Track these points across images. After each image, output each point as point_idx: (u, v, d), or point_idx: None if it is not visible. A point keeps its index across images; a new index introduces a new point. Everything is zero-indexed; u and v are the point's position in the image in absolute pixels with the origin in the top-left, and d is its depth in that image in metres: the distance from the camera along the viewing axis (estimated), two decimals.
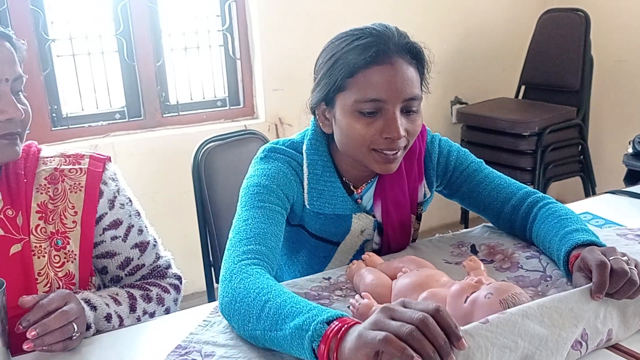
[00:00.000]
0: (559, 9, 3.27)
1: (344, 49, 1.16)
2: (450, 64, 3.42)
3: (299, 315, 0.88)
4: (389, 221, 1.30)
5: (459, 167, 1.33)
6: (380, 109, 1.14)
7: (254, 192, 1.19)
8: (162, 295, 1.23)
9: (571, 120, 3.13)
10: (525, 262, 1.19)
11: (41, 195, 1.13)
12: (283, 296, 0.94)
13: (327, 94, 1.19)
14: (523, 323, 0.85)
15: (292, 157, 1.26)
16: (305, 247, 1.34)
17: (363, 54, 1.13)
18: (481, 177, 1.32)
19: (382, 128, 1.14)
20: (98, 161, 1.20)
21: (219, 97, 3.00)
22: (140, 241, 1.24)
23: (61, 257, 1.12)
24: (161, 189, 2.77)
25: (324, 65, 1.20)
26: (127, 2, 2.67)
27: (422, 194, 1.33)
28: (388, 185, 1.29)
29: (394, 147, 1.16)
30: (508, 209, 1.29)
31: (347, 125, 1.17)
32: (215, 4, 2.90)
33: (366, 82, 1.13)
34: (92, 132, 2.72)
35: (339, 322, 0.84)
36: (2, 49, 1.07)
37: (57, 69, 2.64)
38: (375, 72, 1.13)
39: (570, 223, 1.16)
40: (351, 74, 1.14)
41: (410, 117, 1.17)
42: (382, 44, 1.14)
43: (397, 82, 1.13)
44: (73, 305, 1.00)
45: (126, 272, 1.24)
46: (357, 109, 1.15)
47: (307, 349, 0.85)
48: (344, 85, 1.16)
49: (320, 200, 1.25)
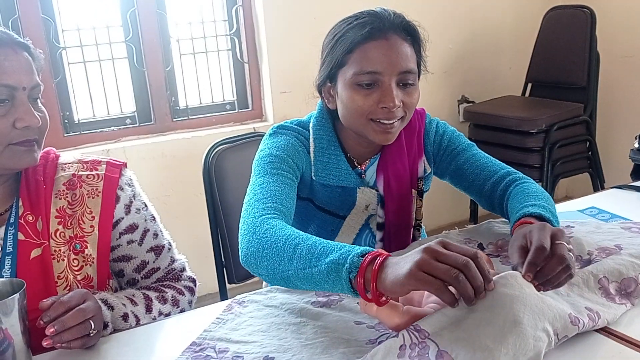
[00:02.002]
0: (564, 6, 3.27)
1: (344, 29, 1.27)
2: (457, 63, 3.43)
3: (334, 252, 0.95)
4: (390, 193, 1.37)
5: (450, 146, 1.42)
6: (377, 81, 1.23)
7: (267, 162, 1.27)
8: (177, 297, 1.26)
9: (578, 116, 3.13)
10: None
11: (60, 201, 1.17)
12: (312, 239, 1.01)
13: (330, 71, 1.29)
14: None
15: (300, 132, 1.36)
16: (313, 221, 1.40)
17: (360, 30, 1.23)
18: (468, 155, 1.40)
19: (379, 98, 1.23)
20: (115, 167, 1.24)
21: (228, 100, 3.03)
22: (155, 245, 1.28)
23: (80, 260, 1.16)
24: (172, 193, 2.80)
25: (327, 45, 1.30)
26: (135, 9, 2.71)
27: (422, 169, 1.41)
28: (390, 159, 1.37)
29: (390, 116, 1.24)
30: (488, 187, 1.37)
31: (348, 97, 1.26)
32: (222, 9, 2.93)
33: (363, 56, 1.23)
34: (103, 137, 2.76)
35: (373, 255, 0.91)
36: (20, 58, 1.10)
37: (68, 76, 2.68)
38: (371, 47, 1.23)
39: (533, 199, 1.22)
40: (350, 49, 1.24)
41: (406, 90, 1.26)
42: (378, 22, 1.24)
43: (392, 56, 1.22)
44: (90, 304, 1.03)
45: (142, 275, 1.27)
46: (356, 82, 1.24)
47: (345, 280, 0.92)
48: (344, 61, 1.25)
49: (326, 171, 1.33)
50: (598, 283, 1.03)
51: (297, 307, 1.11)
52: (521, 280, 0.92)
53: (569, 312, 0.92)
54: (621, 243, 1.20)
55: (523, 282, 0.92)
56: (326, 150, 1.34)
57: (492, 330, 0.86)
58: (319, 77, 1.33)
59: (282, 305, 1.13)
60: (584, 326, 0.93)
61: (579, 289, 1.02)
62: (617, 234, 1.26)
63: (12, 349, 0.94)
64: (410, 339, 0.88)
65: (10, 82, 1.07)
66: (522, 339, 0.85)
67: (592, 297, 1.01)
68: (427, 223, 1.74)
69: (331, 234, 1.40)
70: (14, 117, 1.08)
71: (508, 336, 0.85)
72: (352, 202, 1.37)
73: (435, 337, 0.87)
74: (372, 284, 0.89)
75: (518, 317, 0.86)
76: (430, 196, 1.54)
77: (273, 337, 1.03)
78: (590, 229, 1.31)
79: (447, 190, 1.63)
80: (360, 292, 0.92)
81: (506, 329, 0.86)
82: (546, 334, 0.87)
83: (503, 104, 3.32)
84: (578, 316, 0.93)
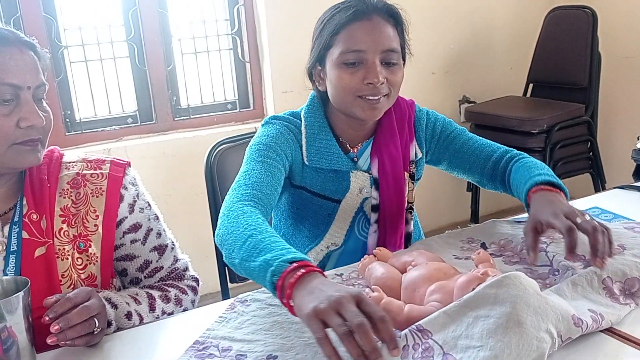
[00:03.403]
0: (566, 7, 3.27)
1: (330, 14, 1.34)
2: (458, 63, 3.43)
3: (270, 252, 1.00)
4: (384, 175, 1.42)
5: (445, 131, 1.48)
6: (362, 60, 1.29)
7: (255, 150, 1.34)
8: (180, 296, 1.26)
9: (580, 117, 3.13)
10: None
11: (64, 200, 1.17)
12: (265, 234, 1.06)
13: (319, 54, 1.35)
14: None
15: (291, 122, 1.42)
16: (309, 208, 1.44)
17: (345, 13, 1.31)
18: (465, 139, 1.47)
19: (365, 75, 1.29)
20: (119, 166, 1.24)
21: (229, 99, 3.03)
22: (158, 244, 1.28)
23: (83, 259, 1.16)
24: (174, 192, 2.80)
25: (316, 30, 1.37)
26: (137, 8, 2.71)
27: (413, 152, 1.46)
28: (383, 142, 1.42)
29: (376, 92, 1.30)
30: (490, 165, 1.44)
31: (336, 76, 1.32)
32: (224, 8, 2.93)
33: (348, 37, 1.30)
34: (105, 136, 2.76)
35: (299, 264, 0.95)
36: (26, 57, 1.10)
37: (70, 75, 2.68)
38: (356, 27, 1.30)
39: (536, 170, 1.30)
40: (336, 31, 1.31)
41: (390, 69, 1.32)
42: (361, 4, 1.31)
43: (375, 35, 1.30)
44: (95, 301, 1.03)
45: (145, 274, 1.27)
46: (343, 61, 1.30)
47: (269, 281, 0.97)
48: (331, 42, 1.32)
49: (318, 155, 1.38)
50: (602, 283, 1.03)
51: None
52: (525, 280, 0.92)
53: (573, 314, 0.92)
54: (624, 243, 1.20)
55: (526, 282, 0.92)
56: (317, 135, 1.39)
57: (495, 330, 0.86)
58: (309, 60, 1.39)
59: None
60: (587, 327, 0.93)
61: (582, 290, 1.02)
62: (620, 234, 1.26)
63: (16, 347, 0.94)
64: (413, 339, 0.88)
65: (15, 82, 1.07)
66: (525, 340, 0.85)
67: (596, 298, 1.01)
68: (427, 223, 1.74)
69: (328, 218, 1.44)
70: (18, 117, 1.08)
71: (511, 337, 0.85)
72: (346, 186, 1.41)
73: (438, 338, 0.87)
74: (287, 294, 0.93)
75: (521, 317, 0.86)
76: (431, 196, 1.55)
77: (276, 335, 1.03)
78: None
79: (448, 190, 1.64)
80: (279, 297, 0.96)
81: (509, 329, 0.86)
82: (549, 335, 0.88)
83: (504, 104, 3.32)
84: (581, 317, 0.93)
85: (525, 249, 1.18)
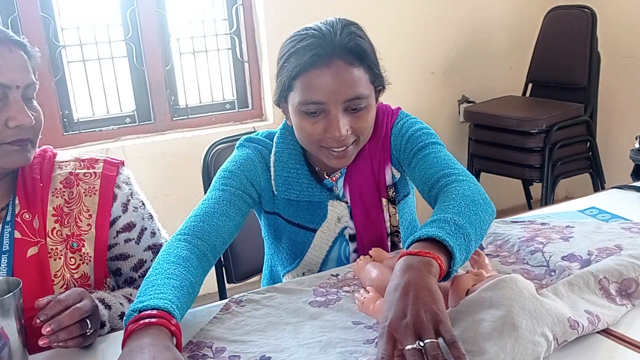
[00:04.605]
0: (565, 6, 3.26)
1: (289, 51, 1.20)
2: (457, 63, 3.42)
3: (140, 300, 0.97)
4: (356, 204, 1.34)
5: (408, 147, 1.30)
6: (323, 110, 1.18)
7: (220, 177, 1.28)
8: None
9: (579, 117, 3.12)
10: (530, 258, 1.21)
11: (57, 199, 1.16)
12: (159, 277, 1.03)
13: (280, 93, 1.24)
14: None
15: (265, 145, 1.34)
16: (284, 233, 1.38)
17: (303, 57, 1.17)
18: (420, 156, 1.27)
19: (326, 128, 1.19)
20: (112, 165, 1.23)
21: (228, 99, 3.02)
22: (153, 243, 1.27)
23: (76, 259, 1.15)
24: (172, 192, 2.80)
25: (278, 64, 1.25)
26: (135, 8, 2.70)
27: (389, 176, 1.34)
28: (354, 170, 1.32)
29: (340, 144, 1.20)
30: (426, 190, 1.24)
31: (297, 123, 1.23)
32: (222, 8, 2.92)
33: (306, 86, 1.17)
34: (103, 136, 2.76)
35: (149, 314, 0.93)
36: (15, 56, 1.10)
37: (68, 75, 2.68)
38: (313, 76, 1.16)
39: (444, 212, 1.06)
40: (294, 77, 1.18)
41: (356, 114, 1.20)
42: (320, 47, 1.16)
43: (336, 85, 1.16)
44: (87, 302, 1.02)
45: (139, 274, 1.27)
46: (302, 110, 1.20)
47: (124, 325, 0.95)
48: (291, 86, 1.20)
49: (285, 185, 1.30)
50: (598, 284, 1.03)
51: (295, 307, 1.11)
52: (521, 283, 0.91)
53: (569, 316, 0.91)
54: (621, 243, 1.20)
55: (522, 284, 0.91)
56: (286, 164, 1.30)
57: (490, 333, 0.85)
58: (275, 94, 1.28)
59: (279, 305, 1.12)
60: (583, 330, 0.92)
61: (579, 290, 1.01)
62: (618, 234, 1.25)
63: (8, 348, 0.93)
64: None
65: (4, 81, 1.06)
66: (520, 344, 0.84)
67: (592, 298, 1.00)
68: None
69: (303, 246, 1.37)
70: (6, 116, 1.08)
71: (506, 340, 0.84)
72: (323, 215, 1.34)
73: None
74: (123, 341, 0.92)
75: (516, 321, 0.86)
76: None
77: (270, 336, 1.02)
78: (591, 229, 1.30)
79: None
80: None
81: (505, 333, 0.85)
82: (545, 339, 0.87)
83: (503, 104, 3.31)
84: (578, 320, 0.92)
85: None
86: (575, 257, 1.13)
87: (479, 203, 1.11)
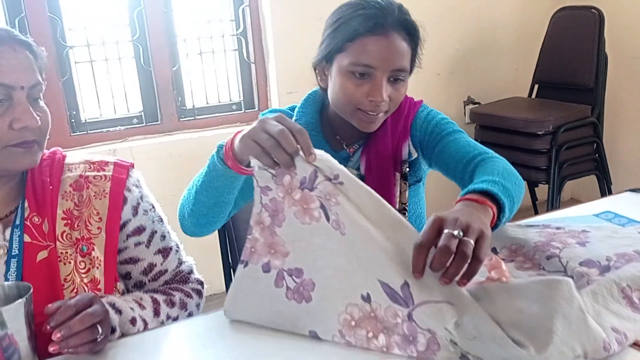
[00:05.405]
0: (573, 7, 3.24)
1: (349, 15, 1.30)
2: (463, 64, 3.41)
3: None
4: (370, 172, 1.41)
5: (435, 131, 1.42)
6: (370, 74, 1.28)
7: None
8: (185, 300, 1.24)
9: (586, 118, 3.10)
10: (546, 263, 1.19)
11: (66, 202, 1.15)
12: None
13: (328, 53, 1.33)
14: None
15: (284, 114, 1.38)
16: None
17: (364, 23, 1.27)
18: (450, 139, 1.40)
19: (369, 91, 1.28)
20: (122, 168, 1.22)
21: (234, 100, 3.02)
22: (163, 247, 1.26)
23: (86, 263, 1.14)
24: (179, 192, 2.73)
25: (330, 26, 1.34)
26: (142, 9, 2.70)
27: (406, 152, 1.43)
28: (372, 141, 1.41)
29: (376, 109, 1.30)
30: (460, 167, 1.35)
31: (340, 84, 1.31)
32: (229, 8, 2.92)
33: (362, 49, 1.27)
34: (110, 137, 2.75)
35: None
36: (20, 56, 1.08)
37: (75, 76, 2.67)
38: (371, 41, 1.27)
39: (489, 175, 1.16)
40: (351, 38, 1.28)
41: (395, 86, 1.31)
42: (381, 17, 1.27)
43: (388, 53, 1.27)
44: (97, 307, 1.00)
45: (149, 278, 1.26)
46: (351, 70, 1.29)
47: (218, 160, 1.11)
48: (343, 47, 1.29)
49: None
50: (622, 292, 1.01)
51: None
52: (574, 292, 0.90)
53: (604, 337, 0.90)
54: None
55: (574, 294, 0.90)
56: None
57: (522, 326, 0.87)
58: (317, 54, 1.37)
59: None
60: (614, 351, 0.92)
61: (603, 299, 0.99)
62: (636, 239, 1.22)
63: (18, 355, 0.93)
64: None
65: (7, 81, 1.04)
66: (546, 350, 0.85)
67: (617, 308, 0.98)
68: None
69: None
70: (11, 118, 1.05)
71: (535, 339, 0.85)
72: None
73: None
74: (229, 149, 1.07)
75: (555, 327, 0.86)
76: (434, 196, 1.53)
77: None
78: (607, 234, 1.27)
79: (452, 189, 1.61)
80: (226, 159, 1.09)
81: (537, 332, 0.86)
82: (572, 352, 0.87)
83: (509, 105, 3.30)
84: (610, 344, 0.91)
85: None
86: (593, 263, 1.11)
87: (516, 176, 1.23)
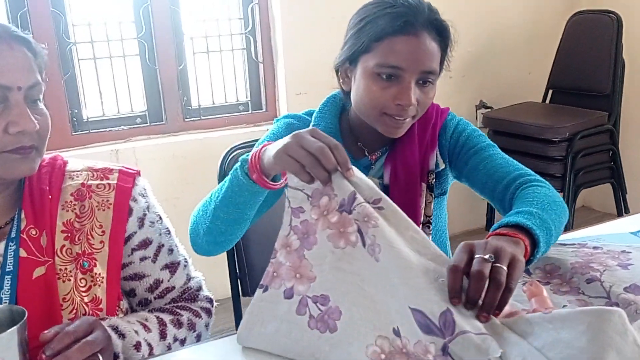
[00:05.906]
0: (589, 11, 3.19)
1: (375, 14, 1.23)
2: (475, 67, 3.35)
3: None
4: (396, 183, 1.34)
5: (467, 144, 1.35)
6: (398, 76, 1.21)
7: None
8: (193, 320, 1.16)
9: (602, 125, 3.04)
10: (586, 287, 1.10)
11: (67, 213, 1.06)
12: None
13: (352, 53, 1.26)
14: None
15: (300, 120, 1.37)
16: None
17: (392, 21, 1.20)
18: (485, 155, 1.32)
19: (396, 94, 1.21)
20: (127, 176, 1.13)
21: (241, 101, 2.96)
22: (170, 262, 1.18)
23: (87, 280, 1.05)
24: (183, 195, 2.73)
25: (355, 26, 1.27)
26: (148, 5, 2.64)
27: (433, 162, 1.36)
28: (399, 149, 1.34)
29: (403, 114, 1.23)
30: (500, 189, 1.28)
31: (365, 86, 1.24)
32: (237, 6, 2.86)
33: (390, 49, 1.20)
34: (113, 136, 2.69)
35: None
36: (17, 54, 0.99)
37: (78, 73, 2.61)
38: (400, 41, 1.20)
39: (528, 205, 1.12)
40: (378, 38, 1.21)
41: (424, 89, 1.25)
42: (411, 16, 1.21)
43: (418, 54, 1.21)
44: (99, 334, 0.92)
45: (155, 295, 1.17)
46: (377, 72, 1.22)
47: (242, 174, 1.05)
48: (370, 48, 1.22)
49: None
50: None
51: None
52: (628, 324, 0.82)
53: None
54: None
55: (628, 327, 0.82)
56: None
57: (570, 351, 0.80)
58: (340, 55, 1.30)
59: None
60: None
61: None
62: None
63: None
64: None
65: (3, 82, 0.96)
66: None
67: None
68: None
69: None
70: (6, 121, 0.96)
71: None
72: None
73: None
74: (256, 162, 1.02)
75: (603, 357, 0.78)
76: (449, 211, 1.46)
77: None
78: None
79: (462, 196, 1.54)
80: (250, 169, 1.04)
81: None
82: None
83: (523, 110, 3.23)
84: None
85: None
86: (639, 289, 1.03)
87: (559, 205, 1.17)
